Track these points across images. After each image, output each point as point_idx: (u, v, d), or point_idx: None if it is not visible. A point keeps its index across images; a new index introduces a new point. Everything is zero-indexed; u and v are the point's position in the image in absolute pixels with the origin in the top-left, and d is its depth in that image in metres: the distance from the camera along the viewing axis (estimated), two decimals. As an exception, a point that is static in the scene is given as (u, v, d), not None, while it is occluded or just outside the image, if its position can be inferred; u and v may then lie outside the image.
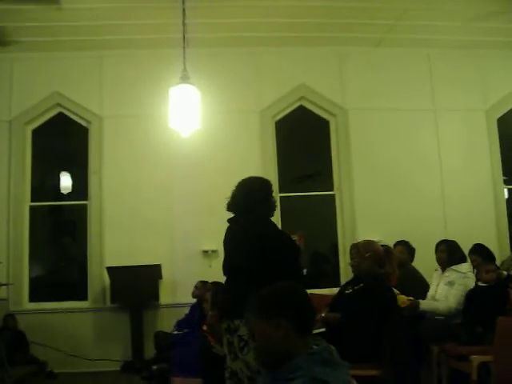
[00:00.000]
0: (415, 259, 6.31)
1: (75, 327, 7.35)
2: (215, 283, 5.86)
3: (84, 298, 7.58)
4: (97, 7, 6.80)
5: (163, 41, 7.31)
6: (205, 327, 4.95)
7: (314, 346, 1.96)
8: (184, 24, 6.07)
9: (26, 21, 7.02)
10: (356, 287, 4.52)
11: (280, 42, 7.77)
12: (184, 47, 5.96)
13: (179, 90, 5.76)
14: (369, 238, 5.25)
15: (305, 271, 3.69)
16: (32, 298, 7.65)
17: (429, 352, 5.21)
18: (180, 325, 6.15)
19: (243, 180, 4.10)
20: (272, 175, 7.80)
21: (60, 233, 8.42)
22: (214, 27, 7.15)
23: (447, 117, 8.14)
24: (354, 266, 4.80)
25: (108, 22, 7.12)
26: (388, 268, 4.81)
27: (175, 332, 5.86)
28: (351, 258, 4.91)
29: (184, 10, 6.11)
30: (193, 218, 7.40)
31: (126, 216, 7.49)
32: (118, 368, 7.07)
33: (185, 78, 5.80)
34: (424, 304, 5.38)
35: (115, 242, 7.46)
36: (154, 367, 5.17)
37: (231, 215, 7.66)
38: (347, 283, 4.88)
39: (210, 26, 7.03)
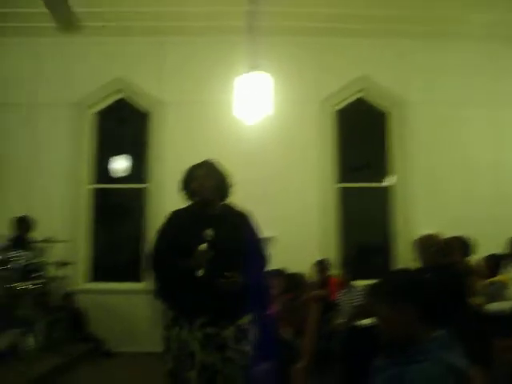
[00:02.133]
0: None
1: (132, 308, 7.47)
2: (279, 270, 5.94)
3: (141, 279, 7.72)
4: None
5: (230, 28, 7.38)
6: (272, 311, 5.03)
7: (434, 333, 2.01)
8: (253, 12, 6.12)
9: (91, 6, 7.16)
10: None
11: (344, 32, 7.79)
12: (252, 35, 6.01)
13: (248, 77, 5.80)
14: (428, 232, 5.30)
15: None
16: (91, 278, 7.86)
17: (491, 348, 5.21)
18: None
19: None
20: (329, 165, 7.87)
21: (119, 215, 8.57)
22: (280, 16, 7.19)
23: (506, 114, 8.06)
24: (420, 260, 4.87)
25: (175, 8, 7.21)
26: (454, 257, 4.89)
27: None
28: (415, 253, 4.97)
29: (253, -1, 6.16)
30: (251, 205, 7.41)
31: (185, 201, 7.57)
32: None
33: (255, 66, 5.85)
34: (492, 308, 5.38)
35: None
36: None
37: (291, 205, 7.77)
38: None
39: (277, 15, 7.06)
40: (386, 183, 8.13)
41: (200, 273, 3.21)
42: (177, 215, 3.59)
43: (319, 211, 7.75)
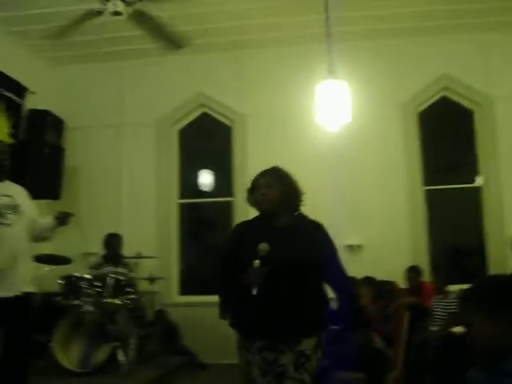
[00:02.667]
0: None
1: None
2: (368, 278, 5.87)
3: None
4: (237, 8, 6.97)
5: (304, 37, 7.41)
6: (364, 321, 4.96)
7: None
8: (328, 19, 6.06)
9: (176, 26, 7.29)
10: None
11: (420, 31, 7.57)
12: (328, 42, 5.95)
13: (326, 85, 5.76)
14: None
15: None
16: (181, 292, 8.04)
17: None
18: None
19: None
20: (415, 167, 7.67)
21: (206, 228, 8.70)
22: (355, 20, 7.09)
23: None
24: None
25: (249, 21, 7.26)
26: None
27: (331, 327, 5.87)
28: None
29: (327, 5, 6.11)
30: (336, 213, 7.36)
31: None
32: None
33: (331, 73, 5.80)
34: None
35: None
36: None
37: (378, 211, 7.56)
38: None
39: (351, 20, 6.96)
40: (475, 183, 7.83)
41: (254, 291, 2.93)
42: (241, 227, 3.40)
43: (408, 215, 7.55)
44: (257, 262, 2.95)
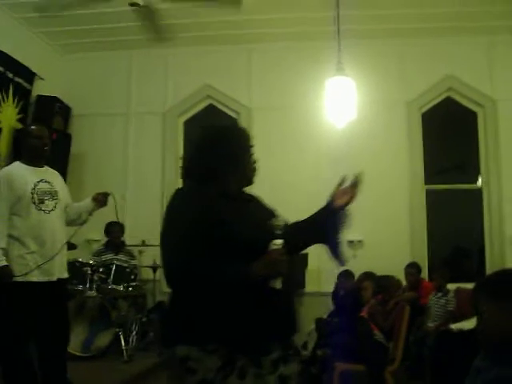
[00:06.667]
0: None
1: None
2: (367, 273, 5.96)
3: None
4: (246, 2, 7.00)
5: (313, 34, 7.43)
6: (364, 314, 5.05)
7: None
8: (337, 17, 6.14)
9: (185, 18, 7.35)
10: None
11: (426, 33, 7.61)
12: (338, 39, 6.03)
13: (334, 81, 5.85)
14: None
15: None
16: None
17: None
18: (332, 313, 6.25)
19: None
20: (418, 167, 7.75)
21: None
22: (364, 19, 7.14)
23: None
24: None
25: (259, 16, 7.30)
26: None
27: (330, 318, 5.99)
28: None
29: (338, 3, 6.19)
30: (339, 208, 7.41)
31: (276, 207, 7.61)
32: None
33: (340, 70, 5.89)
34: None
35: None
36: (319, 352, 5.30)
37: (380, 208, 7.57)
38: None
39: (360, 18, 7.02)
40: (476, 184, 7.93)
41: (278, 284, 2.18)
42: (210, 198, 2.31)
43: (408, 213, 7.63)
44: (279, 242, 2.19)
